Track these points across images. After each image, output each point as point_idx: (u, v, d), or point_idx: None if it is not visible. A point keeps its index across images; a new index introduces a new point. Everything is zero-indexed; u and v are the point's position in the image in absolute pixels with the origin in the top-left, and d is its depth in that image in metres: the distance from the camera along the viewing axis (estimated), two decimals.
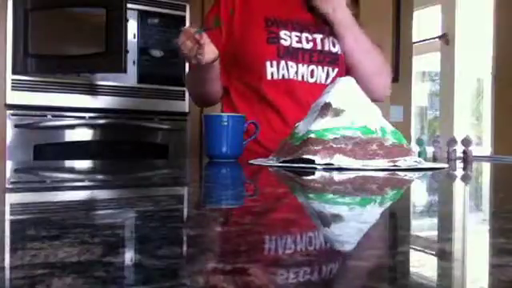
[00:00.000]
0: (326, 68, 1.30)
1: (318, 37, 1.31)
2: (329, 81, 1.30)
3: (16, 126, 1.97)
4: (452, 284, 0.21)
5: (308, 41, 1.29)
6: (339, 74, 1.30)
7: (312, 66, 1.29)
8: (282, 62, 1.26)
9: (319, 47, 1.30)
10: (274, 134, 1.23)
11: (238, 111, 1.28)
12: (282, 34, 1.28)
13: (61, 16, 2.02)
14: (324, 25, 1.33)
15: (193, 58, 1.14)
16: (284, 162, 0.89)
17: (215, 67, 1.26)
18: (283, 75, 1.27)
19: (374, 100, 1.06)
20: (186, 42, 1.12)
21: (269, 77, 1.27)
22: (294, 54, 1.27)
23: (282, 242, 0.29)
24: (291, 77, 1.27)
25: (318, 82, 1.29)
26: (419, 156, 1.08)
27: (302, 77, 1.28)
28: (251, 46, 1.29)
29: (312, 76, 1.29)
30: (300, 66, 1.28)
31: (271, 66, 1.26)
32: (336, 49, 1.32)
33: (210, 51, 1.16)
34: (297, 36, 1.29)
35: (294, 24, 1.30)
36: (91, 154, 2.05)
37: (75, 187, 0.63)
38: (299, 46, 1.28)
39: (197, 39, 1.11)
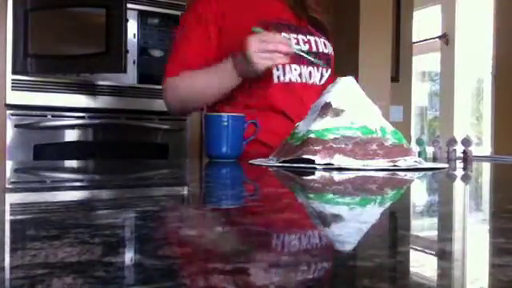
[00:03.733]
0: (320, 69, 1.30)
1: (312, 38, 1.30)
2: (323, 82, 1.30)
3: (16, 126, 1.97)
4: (452, 284, 0.21)
5: (304, 42, 1.28)
6: (330, 75, 1.31)
7: (310, 68, 1.29)
8: (287, 66, 1.26)
9: (314, 49, 1.29)
10: (277, 136, 1.21)
11: None
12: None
13: (61, 16, 2.02)
14: (307, 25, 1.32)
15: (278, 58, 1.14)
16: (284, 161, 0.89)
17: None
18: (290, 78, 1.27)
19: None
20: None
21: (275, 80, 1.26)
22: (296, 57, 1.26)
23: (281, 241, 0.29)
24: (294, 80, 1.28)
25: (316, 83, 1.30)
26: (419, 156, 1.08)
27: (305, 78, 1.28)
28: None
29: (310, 77, 1.29)
30: (302, 67, 1.28)
31: (277, 69, 1.26)
32: (328, 50, 1.33)
33: None
34: (295, 38, 1.27)
35: (288, 26, 1.29)
36: (91, 154, 2.05)
37: (75, 187, 0.63)
38: (298, 47, 1.28)
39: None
